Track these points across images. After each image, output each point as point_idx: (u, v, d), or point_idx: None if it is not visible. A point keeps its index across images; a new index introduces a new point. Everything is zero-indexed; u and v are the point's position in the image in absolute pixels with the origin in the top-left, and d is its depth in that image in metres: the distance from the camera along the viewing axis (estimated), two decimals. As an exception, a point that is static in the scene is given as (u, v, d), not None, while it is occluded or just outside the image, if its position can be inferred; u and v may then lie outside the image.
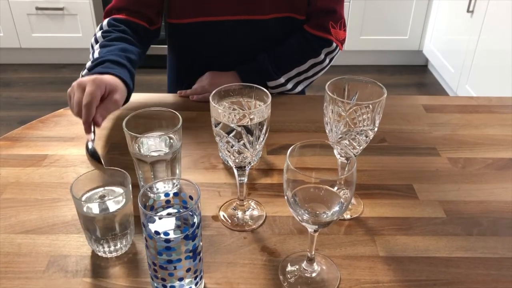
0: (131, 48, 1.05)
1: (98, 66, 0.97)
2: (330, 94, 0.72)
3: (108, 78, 0.91)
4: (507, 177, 0.91)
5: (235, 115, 0.69)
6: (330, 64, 1.25)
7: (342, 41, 1.24)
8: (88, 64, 1.01)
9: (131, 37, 1.09)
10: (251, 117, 0.69)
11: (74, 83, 0.89)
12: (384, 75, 3.26)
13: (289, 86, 1.20)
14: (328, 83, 0.74)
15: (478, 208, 0.83)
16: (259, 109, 0.70)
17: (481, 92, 2.52)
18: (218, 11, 1.15)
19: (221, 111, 0.69)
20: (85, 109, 0.84)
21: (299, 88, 1.23)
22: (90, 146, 0.95)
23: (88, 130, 0.86)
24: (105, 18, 1.14)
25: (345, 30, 1.23)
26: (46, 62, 3.33)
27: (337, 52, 1.24)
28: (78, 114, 0.87)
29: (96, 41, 1.09)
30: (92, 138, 0.95)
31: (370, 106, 0.70)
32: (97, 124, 0.86)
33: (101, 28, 1.11)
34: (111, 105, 0.89)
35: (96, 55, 1.03)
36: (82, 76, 0.98)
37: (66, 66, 3.31)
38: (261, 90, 0.73)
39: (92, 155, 0.93)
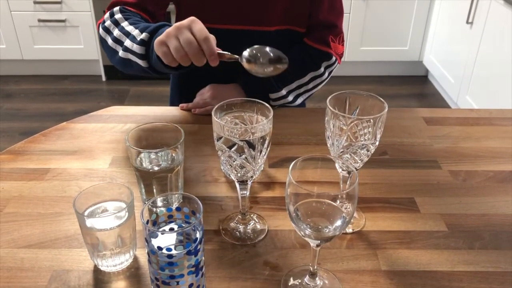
0: None
1: (160, 28, 0.95)
2: (331, 108, 0.73)
3: None
4: (509, 190, 0.91)
5: (237, 130, 0.70)
6: (329, 78, 1.26)
7: (340, 55, 1.26)
8: (136, 33, 0.99)
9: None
10: (253, 131, 0.70)
11: (170, 29, 0.87)
12: (384, 85, 3.27)
13: (290, 98, 1.21)
14: (330, 97, 0.75)
15: (479, 221, 0.83)
16: (261, 123, 0.70)
17: (481, 102, 2.53)
18: (224, 20, 1.17)
19: (223, 125, 0.70)
20: (206, 43, 0.85)
21: (299, 101, 1.24)
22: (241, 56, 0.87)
23: (216, 61, 0.86)
24: (110, 7, 1.12)
25: (343, 45, 1.25)
26: (48, 73, 3.35)
27: (336, 66, 1.25)
28: (192, 52, 0.85)
29: (117, 23, 1.06)
30: (229, 56, 0.88)
31: (371, 120, 0.71)
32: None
33: (112, 14, 1.08)
34: (214, 40, 0.88)
35: (131, 28, 1.02)
36: (142, 39, 0.97)
37: (67, 77, 3.33)
38: (263, 104, 0.73)
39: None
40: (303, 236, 0.64)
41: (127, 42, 1.01)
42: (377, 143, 0.74)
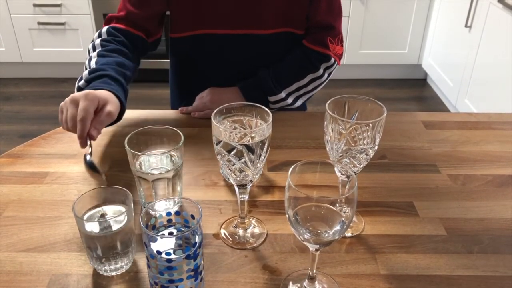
0: (127, 64, 1.08)
1: (96, 80, 0.99)
2: (330, 113, 0.73)
3: (102, 92, 0.93)
4: (507, 194, 0.91)
5: (236, 134, 0.70)
6: (329, 79, 1.26)
7: (339, 56, 1.25)
8: (85, 73, 1.02)
9: (129, 49, 1.13)
10: (252, 135, 0.70)
11: (67, 99, 0.90)
12: (383, 89, 3.28)
13: (290, 100, 1.21)
14: (329, 101, 0.75)
15: (478, 225, 0.83)
16: (260, 128, 0.70)
17: (480, 105, 2.54)
18: (219, 24, 1.17)
19: (222, 129, 0.70)
20: (80, 124, 0.86)
21: (298, 103, 1.24)
22: (88, 158, 0.97)
23: (83, 144, 0.88)
24: (105, 24, 1.17)
25: (342, 46, 1.25)
26: (47, 76, 3.34)
27: (335, 67, 1.25)
28: (73, 128, 0.88)
29: (94, 48, 1.11)
30: (89, 151, 0.97)
31: (370, 125, 0.71)
32: (92, 138, 0.88)
33: (99, 36, 1.14)
34: (105, 118, 0.90)
35: (93, 63, 1.05)
36: (79, 86, 1.01)
37: (67, 80, 3.32)
38: (263, 109, 0.73)
39: (90, 166, 0.95)
40: (302, 240, 0.64)
41: (80, 77, 1.04)
42: (376, 147, 0.75)
